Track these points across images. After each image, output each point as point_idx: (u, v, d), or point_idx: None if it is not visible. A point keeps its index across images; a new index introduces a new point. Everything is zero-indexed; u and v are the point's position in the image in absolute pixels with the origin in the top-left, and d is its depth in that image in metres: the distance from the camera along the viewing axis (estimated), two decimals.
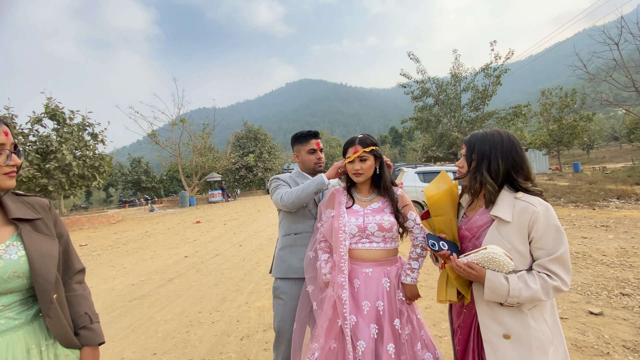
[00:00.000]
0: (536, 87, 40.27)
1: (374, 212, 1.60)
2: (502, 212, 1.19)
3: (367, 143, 1.61)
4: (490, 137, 1.27)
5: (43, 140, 14.89)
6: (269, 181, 2.01)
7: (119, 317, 3.74)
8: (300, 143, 1.99)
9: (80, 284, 1.19)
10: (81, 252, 8.06)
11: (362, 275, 1.55)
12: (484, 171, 1.25)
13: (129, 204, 32.90)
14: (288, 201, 1.74)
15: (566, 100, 27.27)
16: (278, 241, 2.01)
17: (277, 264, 1.92)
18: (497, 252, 1.13)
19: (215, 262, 5.99)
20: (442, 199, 1.41)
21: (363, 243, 1.58)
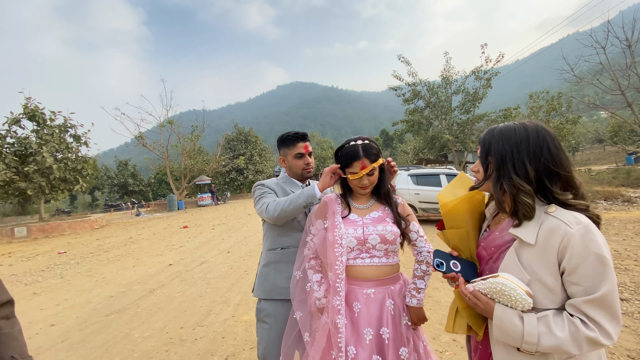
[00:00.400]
0: (523, 91, 41.02)
1: (374, 222, 1.38)
2: (523, 231, 0.93)
3: (374, 155, 1.37)
4: (511, 133, 0.98)
5: (21, 142, 14.30)
6: (253, 187, 1.77)
7: (92, 334, 3.43)
8: (287, 146, 1.75)
9: (8, 319, 0.96)
10: (59, 261, 7.64)
11: (363, 297, 1.32)
12: (513, 175, 0.95)
13: (115, 208, 32.04)
14: (273, 214, 1.50)
15: (553, 104, 27.77)
16: (262, 256, 1.77)
17: (260, 282, 1.68)
18: (508, 284, 0.89)
19: (201, 271, 5.69)
20: (458, 207, 1.15)
21: (363, 258, 1.35)
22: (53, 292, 5.14)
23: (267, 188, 1.71)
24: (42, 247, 10.26)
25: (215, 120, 73.18)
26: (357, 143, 1.38)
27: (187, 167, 26.14)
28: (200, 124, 26.88)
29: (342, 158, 1.41)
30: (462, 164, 19.28)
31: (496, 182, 1.00)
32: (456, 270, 1.08)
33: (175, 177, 27.72)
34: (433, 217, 9.19)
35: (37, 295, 5.07)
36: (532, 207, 0.93)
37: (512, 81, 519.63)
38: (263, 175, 33.52)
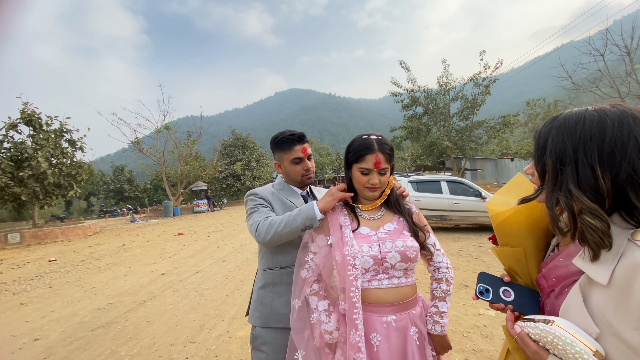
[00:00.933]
0: (518, 99, 41.36)
1: (391, 236, 1.16)
2: (592, 265, 0.65)
3: (389, 152, 1.19)
4: (578, 123, 0.68)
5: (17, 147, 14.05)
6: (245, 197, 1.54)
7: (77, 350, 3.20)
8: (282, 150, 1.50)
9: None
10: (49, 269, 7.36)
11: (383, 326, 1.08)
12: (572, 186, 0.66)
13: (110, 214, 31.60)
14: (265, 237, 1.26)
15: (550, 111, 27.97)
16: (257, 276, 1.53)
17: (256, 307, 1.45)
18: (564, 337, 0.64)
19: (194, 281, 5.46)
20: (513, 220, 0.89)
21: (380, 280, 1.12)
22: (40, 303, 4.89)
23: (261, 199, 1.47)
24: (34, 254, 9.97)
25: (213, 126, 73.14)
26: (371, 137, 1.20)
27: (183, 172, 25.90)
28: (197, 130, 26.74)
29: (352, 151, 1.21)
30: (460, 171, 19.20)
31: (550, 194, 0.72)
32: (507, 300, 0.85)
33: (172, 183, 27.44)
34: (434, 224, 9.02)
35: (24, 305, 4.82)
36: (603, 232, 0.63)
37: (508, 89, 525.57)
38: (260, 182, 33.27)
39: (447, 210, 8.49)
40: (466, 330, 3.14)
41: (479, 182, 28.64)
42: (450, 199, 8.50)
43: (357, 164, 1.19)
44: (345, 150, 1.26)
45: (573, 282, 0.73)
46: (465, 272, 5.03)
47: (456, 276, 4.87)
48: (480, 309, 3.60)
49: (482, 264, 5.47)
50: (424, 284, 4.34)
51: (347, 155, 1.24)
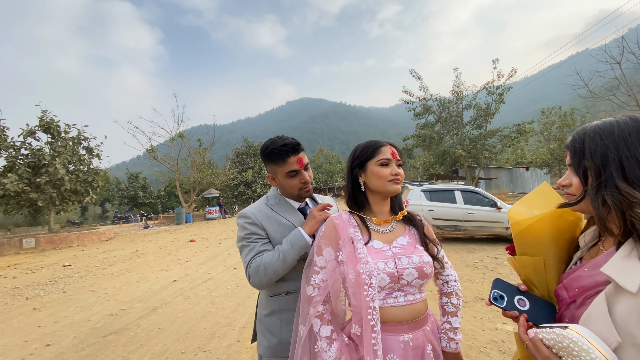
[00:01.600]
0: (532, 108, 40.68)
1: (405, 251, 1.07)
2: (623, 272, 0.64)
3: (399, 149, 1.17)
4: (613, 126, 0.71)
5: (35, 153, 14.52)
6: (237, 219, 1.39)
7: (88, 357, 3.20)
8: (274, 162, 1.34)
9: None
10: (63, 274, 7.49)
11: (400, 346, 1.00)
12: (618, 181, 0.68)
13: (124, 220, 32.19)
14: (262, 281, 1.18)
15: (566, 120, 27.40)
16: (261, 302, 1.41)
17: (264, 335, 1.33)
18: (580, 342, 0.63)
19: (206, 288, 5.45)
20: (535, 228, 0.87)
21: (396, 297, 1.03)
22: (53, 308, 4.95)
23: (252, 226, 1.31)
24: (49, 259, 10.17)
25: (226, 134, 74.67)
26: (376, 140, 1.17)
27: (196, 180, 26.27)
28: (210, 138, 27.19)
29: (363, 149, 1.15)
30: (474, 180, 18.88)
31: (596, 194, 0.72)
32: (522, 309, 0.82)
33: (185, 190, 27.83)
34: (447, 234, 8.84)
35: (36, 310, 4.89)
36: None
37: (521, 98, 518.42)
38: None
39: (462, 220, 8.32)
40: (483, 345, 3.02)
41: (493, 191, 28.09)
42: (465, 208, 8.33)
43: (373, 159, 1.12)
44: (351, 156, 1.19)
45: (597, 292, 0.71)
46: (481, 285, 4.88)
47: (471, 289, 4.72)
48: (497, 324, 3.46)
49: (498, 276, 5.29)
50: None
51: (356, 158, 1.16)
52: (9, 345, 3.61)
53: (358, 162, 1.16)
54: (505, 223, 7.94)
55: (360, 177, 1.16)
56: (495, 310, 3.85)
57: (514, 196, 23.51)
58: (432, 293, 4.64)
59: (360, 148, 1.17)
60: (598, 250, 0.80)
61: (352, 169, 1.18)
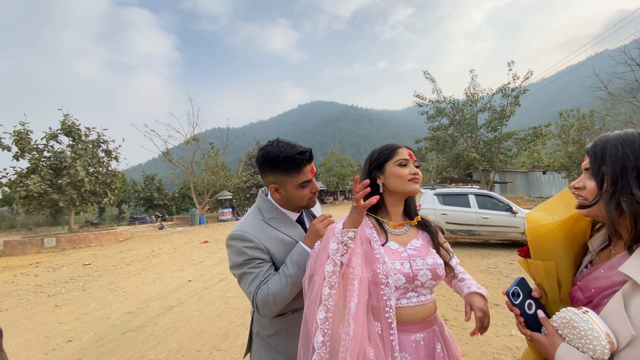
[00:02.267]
0: (549, 110, 39.75)
1: (420, 253, 1.11)
2: (638, 273, 0.69)
3: (415, 151, 1.21)
4: (635, 137, 0.77)
5: (57, 156, 15.07)
6: (227, 241, 1.20)
7: (108, 353, 3.32)
8: (285, 172, 1.18)
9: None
10: (82, 272, 7.74)
11: (412, 345, 1.04)
12: (635, 189, 0.73)
13: (140, 221, 32.93)
14: (272, 310, 1.10)
15: (585, 122, 26.63)
16: (259, 321, 1.29)
17: (270, 356, 1.23)
18: (583, 317, 0.71)
19: (220, 289, 5.55)
20: (554, 234, 0.88)
21: (409, 298, 1.07)
22: (74, 305, 5.13)
23: (256, 251, 1.15)
24: (69, 257, 10.52)
25: (239, 137, 75.57)
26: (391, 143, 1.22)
27: (210, 182, 26.69)
28: (224, 141, 27.63)
29: (381, 152, 1.19)
30: (489, 184, 18.55)
31: (610, 199, 0.77)
32: (528, 313, 0.87)
33: (198, 192, 28.31)
34: (461, 239, 8.72)
35: (58, 307, 5.08)
36: None
37: (538, 100, 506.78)
38: None
39: (476, 224, 8.20)
40: (497, 351, 2.98)
41: (508, 195, 27.50)
42: (479, 213, 8.21)
43: (391, 160, 1.16)
44: (368, 160, 1.23)
45: (613, 292, 0.75)
46: (496, 291, 4.81)
47: None
48: (512, 330, 3.41)
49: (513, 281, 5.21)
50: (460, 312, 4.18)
51: (374, 160, 1.20)
52: (32, 341, 3.77)
53: (376, 164, 1.19)
54: (521, 228, 7.78)
55: (378, 179, 1.18)
56: (510, 316, 3.79)
57: (530, 200, 22.97)
58: (440, 296, 4.61)
59: (377, 151, 1.21)
60: (610, 253, 0.85)
61: (370, 171, 1.21)
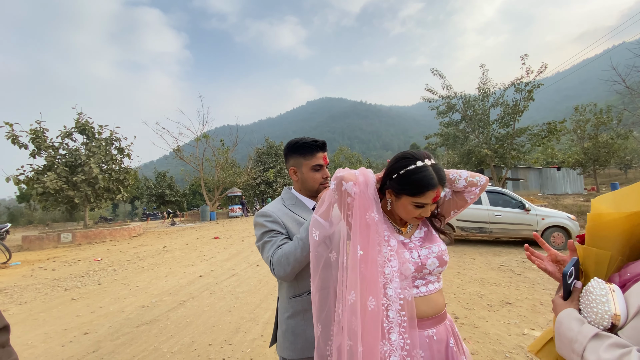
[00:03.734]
0: (564, 105, 38.76)
1: (424, 242, 1.14)
2: None
3: (444, 178, 1.09)
4: None
5: (72, 153, 15.41)
6: (254, 219, 1.40)
7: (123, 345, 3.40)
8: (302, 155, 1.41)
9: (2, 347, 0.84)
10: (97, 267, 7.93)
11: (425, 341, 1.03)
12: None
13: (152, 217, 33.51)
14: (286, 270, 1.20)
15: (601, 117, 25.86)
16: (282, 304, 1.39)
17: (288, 338, 1.31)
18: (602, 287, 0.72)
19: (230, 284, 5.62)
20: (618, 225, 0.83)
21: (418, 287, 1.07)
22: (90, 299, 5.27)
23: (272, 223, 1.34)
24: (84, 252, 10.80)
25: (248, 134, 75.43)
26: (427, 164, 1.05)
27: (220, 179, 26.96)
28: (233, 138, 27.84)
29: (411, 185, 1.04)
30: (501, 181, 18.22)
31: None
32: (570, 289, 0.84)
33: (209, 189, 28.63)
34: (472, 237, 8.62)
35: (74, 301, 5.22)
36: None
37: (553, 94, 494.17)
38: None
39: (487, 222, 8.09)
40: (509, 350, 2.95)
41: (521, 192, 26.99)
42: (491, 210, 8.09)
43: (412, 198, 1.06)
44: (391, 168, 1.10)
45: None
46: (508, 289, 4.74)
47: (497, 292, 4.61)
48: (525, 329, 3.37)
49: (526, 280, 5.13)
50: (473, 311, 4.14)
51: (398, 182, 1.07)
52: (50, 333, 3.89)
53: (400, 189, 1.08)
54: (534, 225, 7.64)
55: (389, 194, 1.14)
56: (522, 315, 3.75)
57: (543, 197, 22.50)
58: (450, 294, 4.57)
59: (411, 180, 1.05)
60: None
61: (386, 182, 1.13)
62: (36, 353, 3.35)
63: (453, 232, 8.53)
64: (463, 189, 1.18)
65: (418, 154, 1.09)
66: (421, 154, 1.09)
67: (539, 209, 7.85)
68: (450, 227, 8.53)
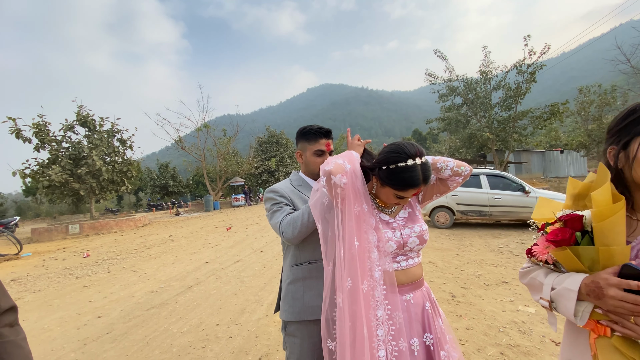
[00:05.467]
0: (570, 86, 38.12)
1: (407, 222, 1.25)
2: None
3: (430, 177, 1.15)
4: None
5: (75, 146, 15.54)
6: (265, 194, 1.55)
7: (134, 327, 3.58)
8: (307, 140, 1.54)
9: (11, 327, 0.89)
10: (107, 256, 8.15)
11: (403, 304, 1.18)
12: None
13: (157, 208, 33.91)
14: (293, 232, 1.31)
15: (606, 98, 25.52)
16: (284, 273, 1.55)
17: (287, 302, 1.45)
18: None
19: (235, 269, 5.79)
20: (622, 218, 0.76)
21: (399, 262, 1.21)
22: (101, 286, 5.47)
23: (281, 197, 1.48)
24: (93, 243, 11.05)
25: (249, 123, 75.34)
26: (417, 164, 1.09)
27: (222, 169, 27.09)
28: (234, 128, 27.80)
29: (395, 180, 1.11)
30: (503, 164, 18.22)
31: None
32: None
33: (212, 179, 28.83)
34: (472, 220, 8.73)
35: (86, 287, 5.42)
36: None
37: (558, 75, 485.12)
38: None
39: (487, 205, 8.18)
40: (502, 325, 3.08)
41: (524, 176, 26.95)
42: (490, 193, 8.17)
43: (395, 191, 1.14)
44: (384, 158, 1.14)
45: None
46: (505, 269, 4.87)
47: (494, 272, 4.73)
48: (519, 306, 3.49)
49: (524, 260, 5.25)
50: (470, 290, 4.28)
51: (385, 173, 1.14)
52: (65, 318, 4.08)
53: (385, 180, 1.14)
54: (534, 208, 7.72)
55: (374, 180, 1.22)
56: (518, 293, 3.87)
57: (546, 181, 22.48)
58: (448, 274, 4.71)
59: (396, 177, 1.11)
60: None
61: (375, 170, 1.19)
62: (53, 336, 3.53)
63: (453, 216, 8.64)
64: (448, 178, 1.27)
65: (411, 150, 1.11)
66: (414, 151, 1.11)
67: (539, 192, 7.91)
68: (450, 210, 8.64)
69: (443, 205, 8.69)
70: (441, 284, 4.34)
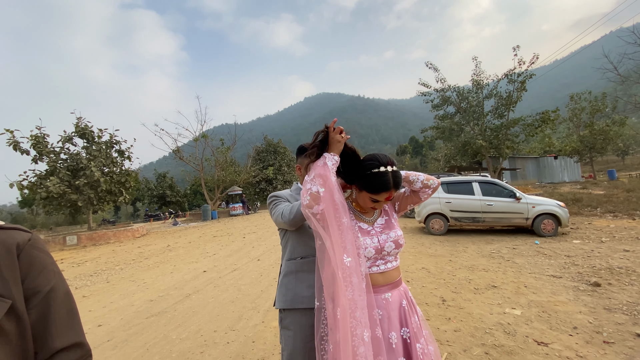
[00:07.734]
0: (563, 93, 38.84)
1: (384, 229, 1.42)
2: None
3: (400, 183, 1.34)
4: None
5: (73, 157, 15.66)
6: (268, 199, 1.76)
7: (135, 334, 3.68)
8: (306, 157, 1.70)
9: None
10: (105, 267, 8.22)
11: (382, 303, 1.33)
12: None
13: (154, 218, 33.84)
14: (289, 216, 1.48)
15: (597, 105, 26.05)
16: (281, 267, 1.75)
17: (281, 292, 1.65)
18: None
19: (232, 278, 5.90)
20: None
21: (378, 265, 1.37)
22: (100, 295, 5.55)
23: (281, 198, 1.70)
24: (91, 254, 11.09)
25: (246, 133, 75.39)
26: (388, 171, 1.30)
27: (220, 178, 27.21)
28: (232, 138, 28.03)
29: (369, 185, 1.31)
30: (497, 171, 18.48)
31: None
32: None
33: (209, 188, 28.90)
34: (466, 226, 8.89)
35: (86, 298, 5.50)
36: None
37: (551, 83, 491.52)
38: (291, 186, 34.11)
39: (480, 212, 8.35)
40: (489, 327, 3.22)
41: (519, 182, 27.24)
42: (483, 200, 8.35)
43: (369, 194, 1.32)
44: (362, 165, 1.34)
45: None
46: (495, 274, 5.01)
47: (485, 277, 4.88)
48: (506, 308, 3.64)
49: (514, 265, 5.41)
50: (460, 294, 4.41)
51: (361, 179, 1.33)
52: None
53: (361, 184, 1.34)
54: (525, 214, 7.90)
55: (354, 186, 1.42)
56: (506, 296, 4.02)
57: (540, 186, 22.75)
58: (440, 279, 4.84)
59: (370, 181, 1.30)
60: None
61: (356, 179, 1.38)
62: None
63: (447, 222, 8.80)
64: (419, 190, 1.48)
65: (384, 160, 1.31)
66: (387, 160, 1.31)
67: (529, 198, 8.11)
68: (444, 217, 8.80)
69: (437, 213, 8.86)
70: (433, 289, 4.48)
